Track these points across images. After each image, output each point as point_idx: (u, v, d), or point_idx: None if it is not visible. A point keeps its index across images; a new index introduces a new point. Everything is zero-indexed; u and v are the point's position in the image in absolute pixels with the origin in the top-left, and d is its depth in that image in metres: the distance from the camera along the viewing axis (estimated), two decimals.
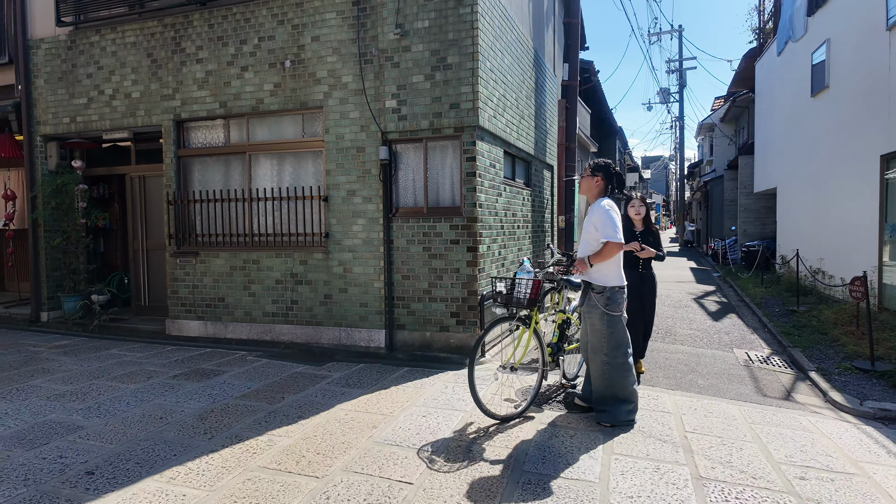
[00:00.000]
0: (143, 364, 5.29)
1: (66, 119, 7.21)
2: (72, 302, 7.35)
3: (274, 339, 6.26)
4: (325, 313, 6.07)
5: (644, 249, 4.71)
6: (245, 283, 6.39)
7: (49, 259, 7.43)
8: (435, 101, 5.58)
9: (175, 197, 6.68)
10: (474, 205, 5.52)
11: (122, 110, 6.90)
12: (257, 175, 6.45)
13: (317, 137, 6.14)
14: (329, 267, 6.04)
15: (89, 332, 6.92)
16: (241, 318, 6.42)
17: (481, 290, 5.60)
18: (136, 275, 7.58)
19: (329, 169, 6.01)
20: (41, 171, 7.42)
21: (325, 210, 6.07)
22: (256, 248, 6.36)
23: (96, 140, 7.55)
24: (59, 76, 7.22)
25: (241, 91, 6.30)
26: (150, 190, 7.41)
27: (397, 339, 5.85)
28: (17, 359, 5.44)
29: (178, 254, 6.67)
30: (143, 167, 7.40)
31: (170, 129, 6.67)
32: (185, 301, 6.67)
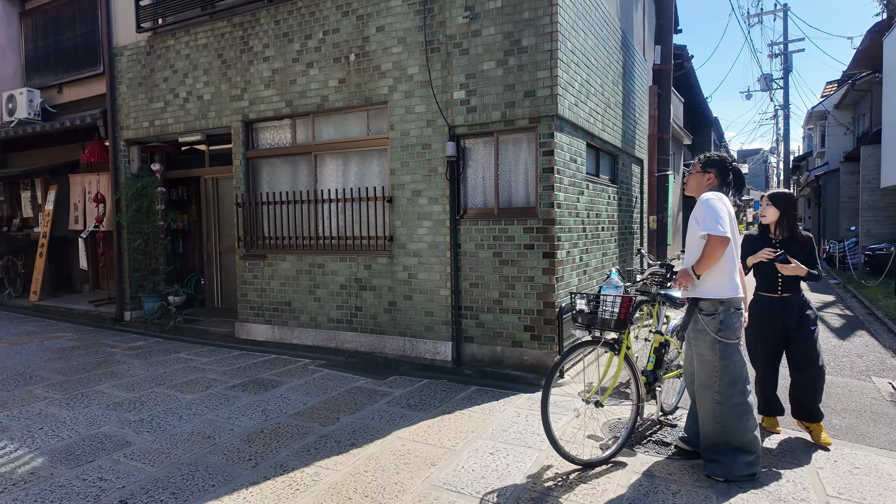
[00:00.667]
0: (206, 371, 5.17)
1: (145, 123, 7.38)
2: (151, 302, 7.53)
3: (338, 347, 5.98)
4: (390, 321, 5.69)
5: (786, 262, 3.37)
6: (310, 287, 6.17)
7: (131, 260, 7.67)
8: (508, 90, 5.01)
9: (244, 199, 6.60)
10: (552, 205, 4.88)
11: (195, 112, 6.93)
12: (323, 176, 6.20)
13: (381, 135, 5.77)
14: (393, 272, 5.65)
15: (165, 333, 7.03)
16: (306, 324, 6.20)
17: (559, 302, 4.96)
18: (209, 276, 7.65)
19: (393, 168, 5.61)
20: (124, 174, 7.67)
21: (389, 212, 5.69)
22: (322, 251, 6.11)
23: (173, 143, 7.69)
24: (139, 81, 7.40)
25: (307, 88, 6.06)
26: (223, 192, 7.43)
27: (465, 352, 5.34)
28: (93, 360, 5.52)
29: (247, 256, 6.58)
30: (216, 169, 7.43)
31: (239, 131, 6.59)
32: (254, 305, 6.57)
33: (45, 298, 9.21)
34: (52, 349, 5.99)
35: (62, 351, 5.92)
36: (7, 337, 6.65)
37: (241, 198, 6.60)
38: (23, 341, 6.40)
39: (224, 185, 7.41)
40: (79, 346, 6.20)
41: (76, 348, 6.06)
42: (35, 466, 3.14)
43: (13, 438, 3.52)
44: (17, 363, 5.36)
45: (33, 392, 4.46)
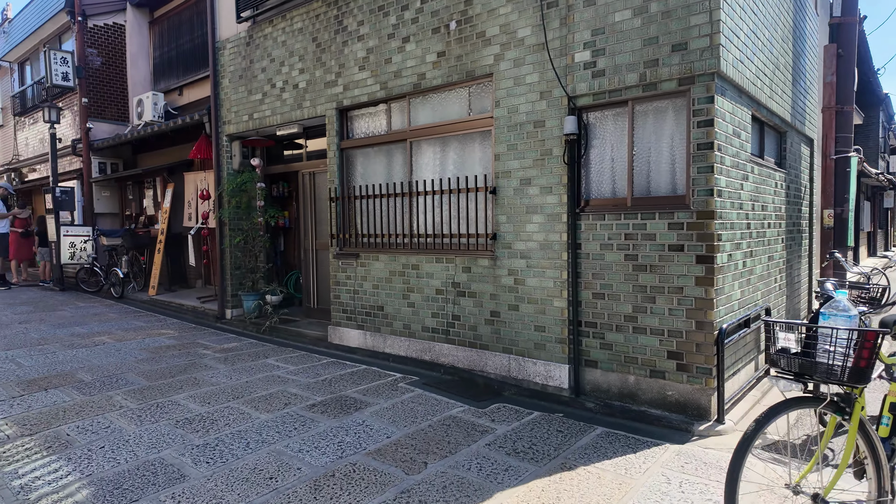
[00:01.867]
0: (288, 383, 4.64)
1: (244, 117, 7.18)
2: (250, 301, 7.34)
3: (433, 360, 5.21)
4: (492, 335, 4.80)
5: None
6: (404, 291, 5.47)
7: (231, 257, 7.55)
8: (648, 45, 3.87)
9: (337, 193, 6.08)
10: (710, 192, 3.68)
11: (291, 103, 6.55)
12: (418, 165, 5.46)
13: (485, 114, 4.89)
14: (496, 276, 4.75)
15: (260, 334, 6.76)
16: (399, 332, 5.52)
17: (720, 322, 3.74)
18: (306, 275, 7.29)
19: (498, 153, 4.71)
20: (226, 170, 7.56)
21: (492, 205, 4.80)
22: (416, 250, 5.38)
23: (272, 137, 7.44)
24: (239, 74, 7.22)
25: (402, 67, 5.36)
26: (319, 187, 7.01)
27: (585, 379, 4.29)
28: (181, 363, 5.26)
29: (340, 255, 6.05)
30: (313, 163, 7.03)
31: (333, 119, 6.08)
32: (346, 307, 6.03)
33: (162, 293, 9.56)
34: (149, 348, 5.88)
35: (157, 351, 5.78)
36: (116, 332, 6.74)
37: (335, 192, 6.08)
38: (128, 337, 6.42)
39: (320, 179, 6.99)
40: (174, 345, 6.05)
41: (171, 348, 5.91)
42: (76, 502, 2.67)
43: (70, 458, 3.14)
44: (112, 363, 5.24)
45: (112, 399, 4.18)
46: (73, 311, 8.24)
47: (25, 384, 4.54)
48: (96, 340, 6.22)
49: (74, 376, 4.77)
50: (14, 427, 3.62)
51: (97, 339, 6.33)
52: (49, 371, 4.94)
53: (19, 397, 4.21)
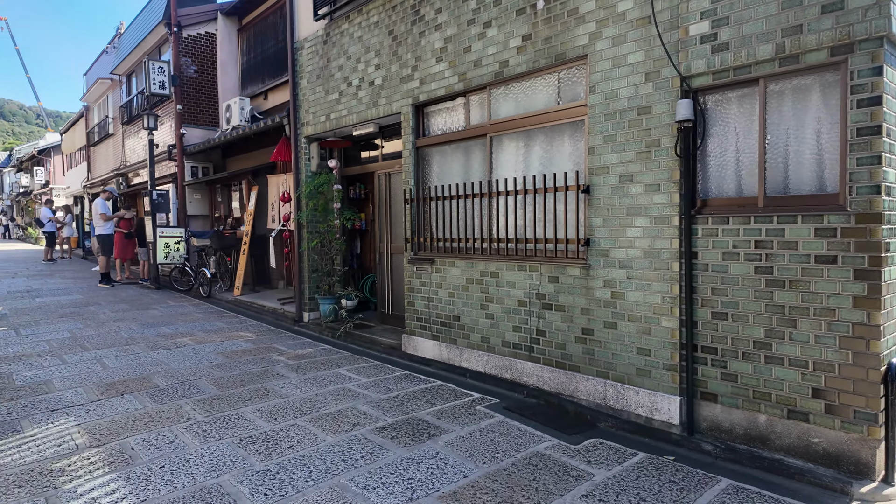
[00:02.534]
0: (358, 398, 4.32)
1: (322, 117, 7.04)
2: (326, 305, 7.20)
3: (514, 379, 4.69)
4: (584, 355, 4.20)
5: None
6: (482, 300, 4.99)
7: (309, 260, 7.45)
8: (788, 7, 3.13)
9: (412, 194, 5.72)
10: (876, 190, 2.88)
11: (367, 101, 6.28)
12: (499, 162, 4.97)
13: (577, 102, 4.30)
14: (589, 288, 4.14)
15: (335, 339, 6.57)
16: (477, 345, 5.05)
17: (887, 355, 2.93)
18: (381, 279, 7.02)
19: (593, 145, 4.10)
20: (305, 172, 7.47)
21: (584, 206, 4.20)
22: (495, 256, 4.89)
23: (349, 137, 7.24)
24: (317, 74, 7.08)
25: (483, 55, 4.89)
26: (394, 188, 6.71)
27: (702, 415, 3.59)
28: (254, 371, 5.12)
29: (414, 260, 5.69)
30: (389, 164, 6.75)
31: (408, 116, 5.73)
32: (420, 316, 5.66)
33: (246, 293, 9.75)
34: (226, 352, 5.83)
35: (233, 355, 5.71)
36: (198, 333, 6.82)
37: (410, 193, 5.73)
38: (207, 339, 6.45)
39: (395, 180, 6.68)
40: (251, 349, 5.97)
41: (247, 353, 5.82)
42: None
43: (129, 479, 2.96)
44: (188, 368, 5.20)
45: (182, 409, 4.05)
46: (164, 310, 8.54)
47: (105, 387, 4.56)
48: (178, 342, 6.30)
49: (151, 381, 4.74)
50: (84, 436, 3.54)
51: (179, 340, 6.41)
52: (129, 374, 4.96)
53: (97, 402, 4.20)
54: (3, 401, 4.23)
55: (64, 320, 7.53)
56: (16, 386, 4.59)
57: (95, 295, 10.01)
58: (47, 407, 4.08)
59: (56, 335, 6.59)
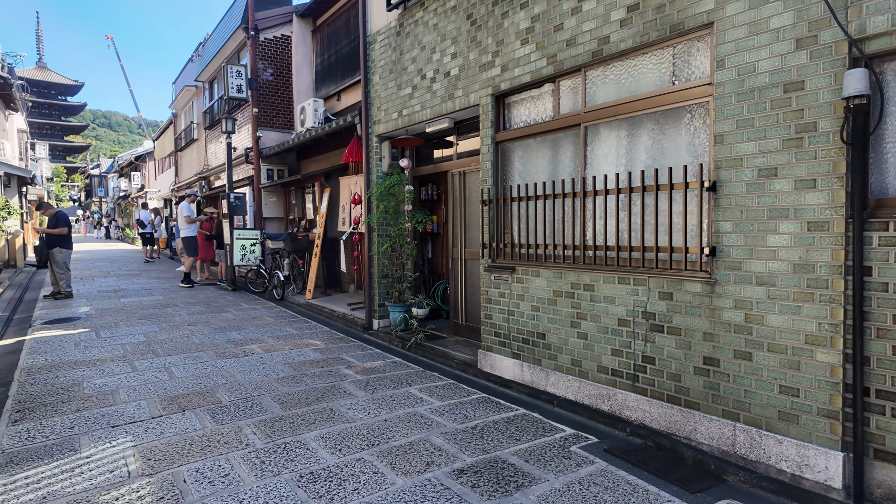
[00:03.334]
0: (432, 428, 3.79)
1: (394, 114, 6.62)
2: (396, 313, 6.77)
3: (614, 413, 3.98)
4: (705, 390, 3.43)
5: None
6: (573, 317, 4.32)
7: (379, 265, 7.06)
8: None
9: (490, 195, 5.14)
10: None
11: (441, 94, 5.78)
12: (594, 157, 4.27)
13: (698, 81, 3.53)
14: (714, 308, 3.37)
15: (405, 350, 6.12)
16: (566, 368, 4.38)
17: None
18: (454, 287, 6.49)
19: (721, 132, 3.33)
20: (375, 173, 7.09)
21: (709, 206, 3.43)
22: (589, 266, 4.20)
23: (421, 135, 6.78)
24: (389, 68, 6.67)
25: (577, 32, 4.22)
26: (470, 188, 6.16)
27: (875, 479, 2.74)
28: (320, 386, 4.74)
29: (492, 268, 5.10)
30: (464, 162, 6.20)
31: (488, 108, 5.15)
32: (499, 330, 5.06)
33: (318, 296, 9.58)
34: (293, 363, 5.52)
35: (300, 366, 5.38)
36: (268, 340, 6.61)
37: (488, 193, 5.15)
38: (276, 347, 6.20)
39: (471, 179, 6.13)
40: (318, 360, 5.63)
41: (314, 364, 5.48)
42: None
43: None
44: (253, 381, 4.91)
45: (241, 432, 3.70)
46: (237, 313, 8.50)
47: (168, 401, 4.32)
48: (247, 349, 6.08)
49: (214, 395, 4.46)
50: (139, 461, 3.25)
51: (248, 347, 6.21)
52: (194, 386, 4.73)
53: (157, 419, 3.95)
54: (70, 412, 4.08)
55: (142, 322, 7.61)
56: (84, 395, 4.47)
57: (175, 296, 10.23)
58: (108, 422, 3.88)
59: (132, 338, 6.60)
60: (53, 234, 9.50)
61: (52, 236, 9.51)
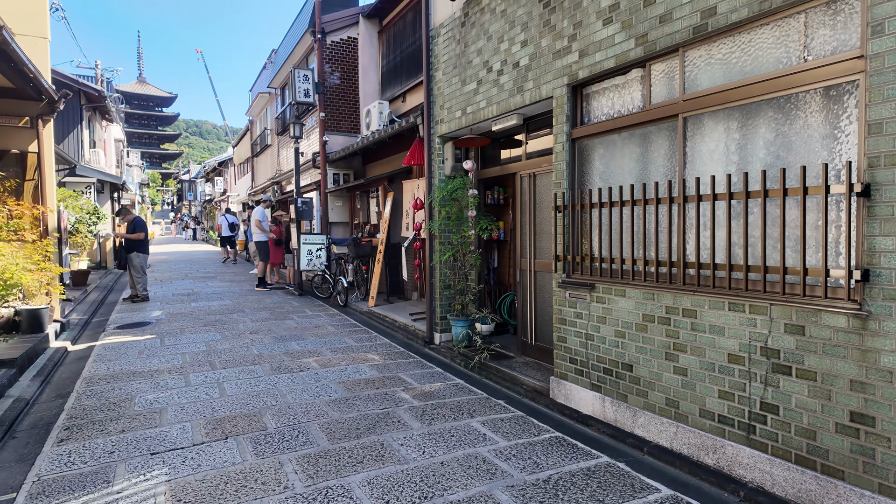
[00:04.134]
0: (496, 479, 3.22)
1: (457, 112, 6.10)
2: (459, 327, 6.25)
3: (721, 469, 3.23)
4: (853, 454, 2.62)
5: None
6: (668, 347, 3.60)
7: (441, 275, 6.57)
8: None
9: (565, 200, 4.49)
10: None
11: (510, 87, 5.20)
12: (696, 154, 3.53)
13: (841, 55, 2.73)
14: (867, 349, 2.56)
15: (468, 370, 5.59)
16: (659, 408, 3.66)
17: None
18: (522, 300, 5.87)
19: (878, 120, 2.52)
20: (438, 176, 6.61)
21: (859, 216, 2.62)
22: (690, 287, 3.46)
23: (487, 134, 6.22)
24: (453, 63, 6.17)
25: (674, 5, 3.50)
26: (540, 191, 5.52)
27: None
28: (373, 413, 4.30)
29: (567, 283, 4.45)
30: (534, 162, 5.58)
31: (562, 100, 4.51)
32: (574, 356, 4.40)
33: (380, 304, 9.26)
34: (348, 381, 5.14)
35: (354, 386, 4.98)
36: (325, 352, 6.30)
37: (562, 198, 4.51)
38: (333, 362, 5.87)
39: (542, 182, 5.50)
40: (374, 380, 5.22)
41: (369, 384, 5.07)
42: None
43: None
44: (303, 403, 4.56)
45: (281, 470, 3.31)
46: (299, 320, 8.33)
47: (213, 425, 4.04)
48: (302, 363, 5.79)
49: (261, 420, 4.14)
50: (169, 502, 2.92)
51: (304, 361, 5.92)
52: (242, 407, 4.44)
53: (198, 447, 3.65)
54: (115, 432, 3.89)
55: (206, 329, 7.58)
56: (133, 413, 4.29)
57: (243, 300, 10.30)
58: (149, 448, 3.63)
59: (193, 347, 6.52)
60: (131, 238, 9.82)
61: (130, 241, 9.83)
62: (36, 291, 6.38)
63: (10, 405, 4.43)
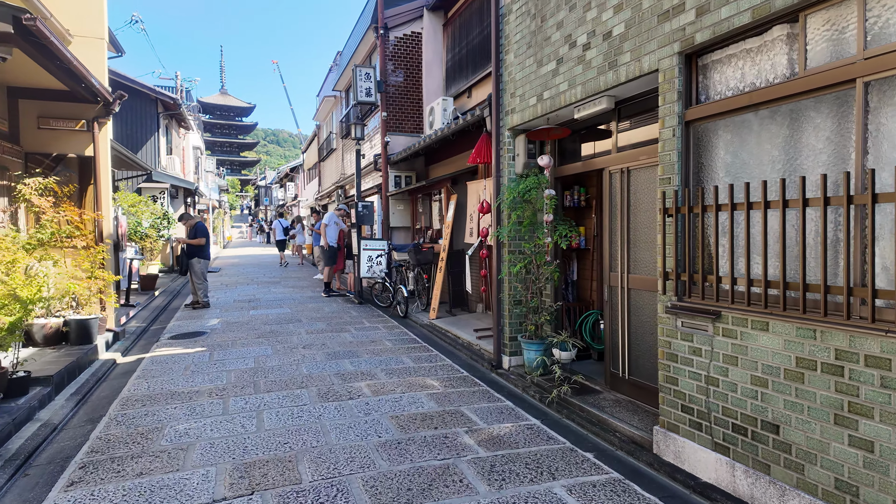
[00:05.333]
0: None
1: (531, 99, 5.21)
2: (532, 351, 5.34)
3: None
4: None
5: None
6: (839, 407, 2.54)
7: (511, 290, 5.68)
8: None
9: (677, 200, 3.49)
10: None
11: (598, 63, 4.25)
12: (883, 134, 2.46)
13: None
14: None
15: (545, 406, 4.68)
16: (822, 490, 2.61)
17: None
18: (611, 324, 4.87)
19: None
20: (507, 175, 5.73)
21: None
22: (881, 326, 2.39)
23: (567, 123, 5.28)
24: (527, 42, 5.29)
25: None
26: (637, 190, 4.51)
27: None
28: (428, 466, 3.49)
29: (680, 309, 3.44)
30: (628, 155, 4.58)
31: (672, 73, 3.52)
32: (690, 403, 3.39)
33: (442, 316, 8.50)
34: (402, 417, 4.38)
35: (409, 424, 4.21)
36: (380, 375, 5.60)
37: (673, 198, 3.51)
38: (387, 388, 5.14)
39: (639, 178, 4.49)
40: (433, 415, 4.42)
41: (426, 422, 4.28)
42: None
43: None
44: (349, 445, 3.84)
45: None
46: (356, 333, 7.72)
47: (240, 472, 3.40)
48: (353, 389, 5.10)
49: (296, 469, 3.45)
50: None
51: (355, 385, 5.23)
52: (278, 447, 3.79)
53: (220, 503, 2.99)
54: (131, 476, 3.34)
55: (259, 341, 7.12)
56: (157, 449, 3.74)
57: (301, 309, 9.88)
58: (161, 502, 3.01)
59: (241, 363, 6.03)
60: (192, 244, 9.66)
61: (192, 246, 9.67)
62: (85, 301, 6.13)
63: (34, 432, 4.02)
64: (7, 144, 6.15)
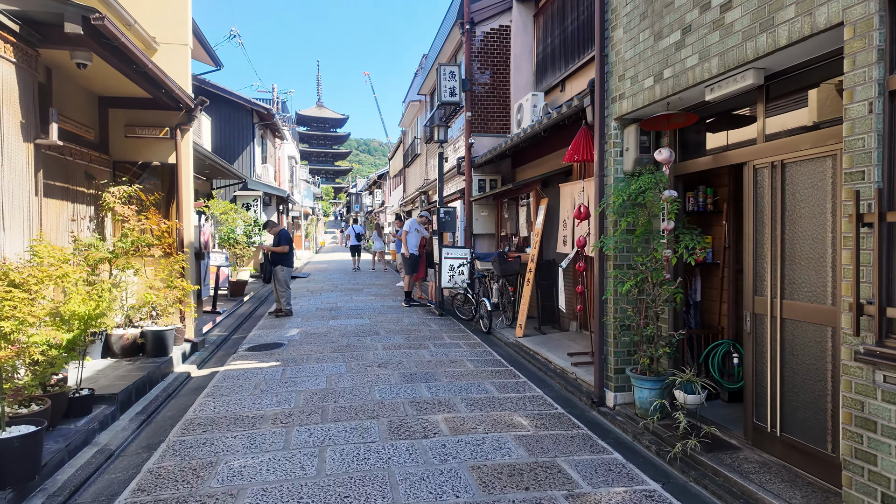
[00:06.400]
0: None
1: (647, 80, 4.26)
2: (645, 390, 4.37)
3: None
4: None
5: None
6: None
7: (617, 312, 4.73)
8: None
9: (878, 203, 2.44)
10: None
11: (744, 25, 3.26)
12: None
13: None
14: None
15: (667, 463, 3.71)
16: None
17: None
18: (755, 362, 3.78)
19: None
20: (613, 173, 4.80)
21: None
22: None
23: (694, 108, 4.26)
24: (640, 13, 4.35)
25: None
26: (797, 189, 3.43)
27: None
28: None
29: (882, 358, 2.39)
30: (781, 144, 3.51)
31: (868, 26, 2.50)
32: (890, 488, 2.33)
33: (530, 334, 7.64)
34: (484, 468, 3.61)
35: (492, 479, 3.44)
36: (458, 405, 4.88)
37: (876, 198, 2.46)
38: (466, 424, 4.41)
39: (800, 173, 3.41)
40: (521, 468, 3.62)
41: (513, 478, 3.48)
42: None
43: None
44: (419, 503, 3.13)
45: None
46: (435, 351, 7.09)
47: None
48: (428, 424, 4.42)
49: None
50: None
51: (432, 419, 4.55)
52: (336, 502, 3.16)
53: None
54: None
55: (334, 357, 6.69)
56: (205, 493, 3.27)
57: (381, 320, 9.44)
58: None
59: (312, 383, 5.58)
60: (276, 251, 9.55)
61: (276, 254, 9.57)
62: (163, 311, 5.98)
63: (88, 460, 3.72)
64: (95, 153, 6.18)
